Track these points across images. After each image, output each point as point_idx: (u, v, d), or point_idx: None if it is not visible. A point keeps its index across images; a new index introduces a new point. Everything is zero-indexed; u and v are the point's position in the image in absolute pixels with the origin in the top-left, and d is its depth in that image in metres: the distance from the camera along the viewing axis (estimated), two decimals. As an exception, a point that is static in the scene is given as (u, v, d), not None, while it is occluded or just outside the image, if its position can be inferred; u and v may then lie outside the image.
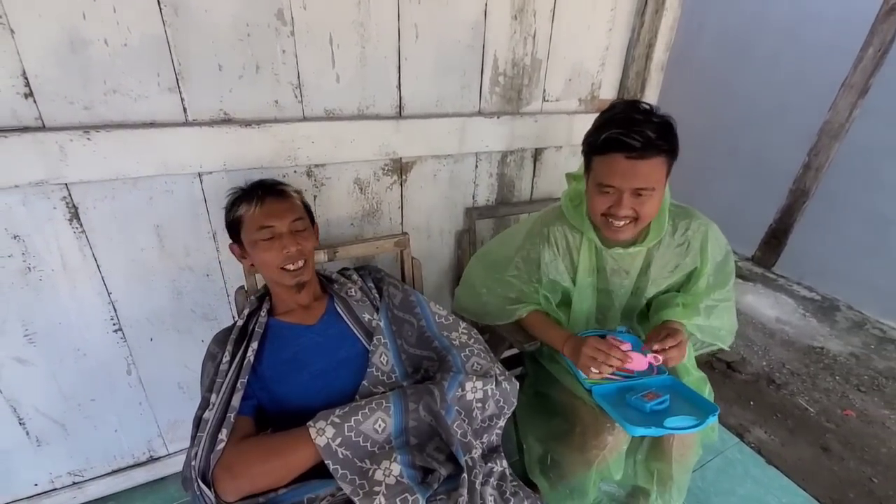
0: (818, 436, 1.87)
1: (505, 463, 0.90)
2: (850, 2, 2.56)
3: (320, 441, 0.80)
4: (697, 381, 1.13)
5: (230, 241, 1.02)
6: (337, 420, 0.82)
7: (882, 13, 2.44)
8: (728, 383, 2.17)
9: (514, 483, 0.88)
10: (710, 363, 2.28)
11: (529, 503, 0.84)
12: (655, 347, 0.97)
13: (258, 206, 0.96)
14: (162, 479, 1.37)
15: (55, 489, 1.24)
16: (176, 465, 1.36)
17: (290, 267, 0.97)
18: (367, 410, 0.84)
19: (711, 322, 1.11)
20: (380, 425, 0.85)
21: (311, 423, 0.82)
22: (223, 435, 0.80)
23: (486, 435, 0.91)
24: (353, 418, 0.83)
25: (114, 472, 1.29)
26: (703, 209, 1.15)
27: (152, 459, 1.34)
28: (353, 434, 0.82)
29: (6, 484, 1.18)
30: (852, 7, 2.54)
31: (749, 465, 1.65)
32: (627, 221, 0.98)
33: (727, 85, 3.17)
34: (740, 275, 3.09)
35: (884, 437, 1.89)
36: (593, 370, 0.98)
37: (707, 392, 1.13)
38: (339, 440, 0.81)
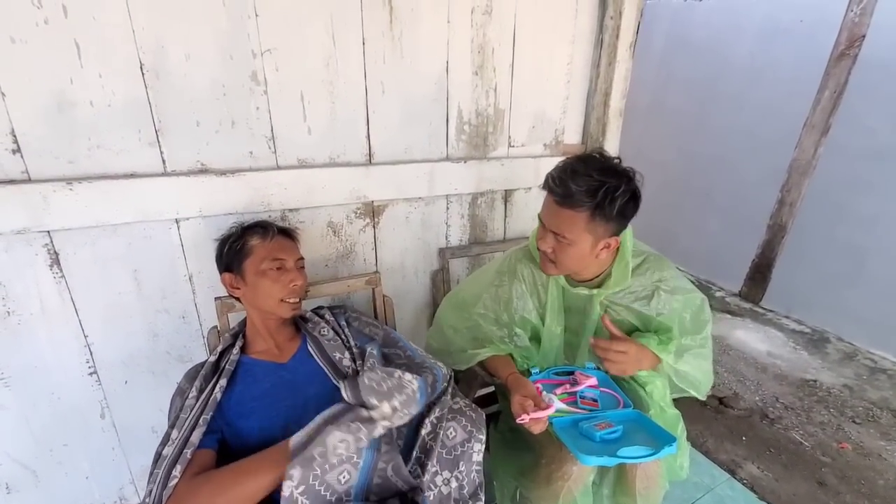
0: (814, 470, 1.83)
1: None
2: (803, 49, 2.75)
3: (285, 490, 0.79)
4: (671, 419, 1.13)
5: (224, 271, 1.07)
6: (305, 463, 0.80)
7: (833, 58, 2.61)
8: (720, 419, 2.13)
9: None
10: (702, 400, 2.25)
11: None
12: (601, 345, 1.01)
13: (273, 239, 1.05)
14: (132, 530, 1.34)
15: (22, 541, 1.21)
16: (147, 514, 1.33)
17: (291, 300, 1.04)
18: (335, 461, 0.82)
19: (681, 366, 1.10)
20: (344, 476, 0.83)
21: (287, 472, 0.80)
22: (177, 471, 0.81)
23: (462, 464, 0.91)
24: (320, 468, 0.81)
25: (83, 522, 1.27)
26: (687, 246, 1.19)
27: (123, 509, 1.32)
28: (316, 483, 0.81)
29: (-28, 537, 1.16)
30: (805, 54, 2.73)
31: (740, 502, 1.61)
32: (546, 259, 1.06)
33: (698, 128, 3.34)
34: (728, 310, 3.11)
35: (881, 469, 1.85)
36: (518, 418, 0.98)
37: (679, 430, 1.13)
38: (302, 488, 0.79)
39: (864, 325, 2.66)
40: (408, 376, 0.93)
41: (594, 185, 0.94)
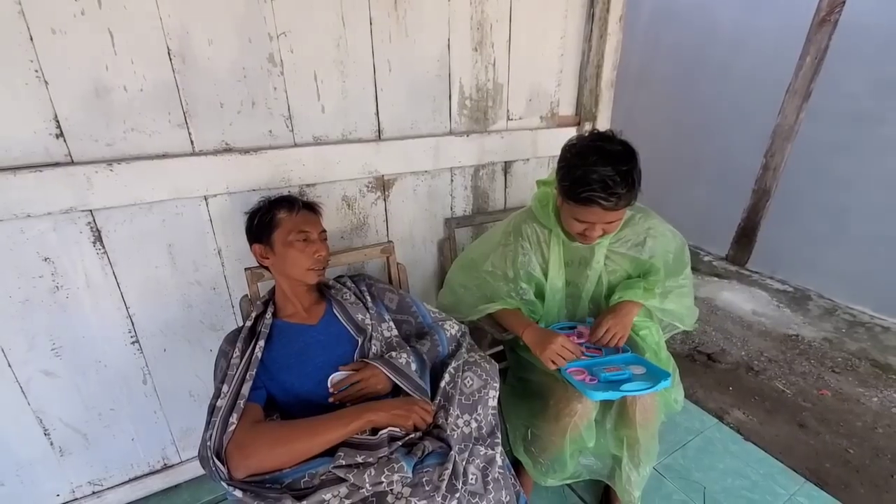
0: (795, 414, 1.98)
1: (499, 450, 1.00)
2: (785, 15, 2.82)
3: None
4: (665, 360, 1.26)
5: (254, 243, 1.15)
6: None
7: (815, 24, 2.69)
8: (708, 373, 2.28)
9: (501, 471, 0.96)
10: (692, 356, 2.41)
11: (507, 493, 0.94)
12: (595, 340, 1.18)
13: (298, 212, 1.14)
14: (175, 486, 1.45)
15: (75, 499, 1.32)
16: (188, 472, 1.45)
17: (316, 269, 1.13)
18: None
19: (666, 305, 1.25)
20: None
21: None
22: (233, 418, 0.91)
23: (480, 407, 1.04)
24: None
25: (130, 480, 1.38)
26: (676, 213, 1.35)
27: (166, 467, 1.43)
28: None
29: (30, 495, 1.26)
30: (788, 20, 2.80)
31: (728, 443, 1.75)
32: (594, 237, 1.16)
33: (685, 96, 3.42)
34: (716, 273, 3.25)
35: (859, 412, 2.00)
36: (552, 364, 1.14)
37: (672, 368, 1.26)
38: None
39: (843, 282, 2.81)
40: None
41: (634, 183, 1.05)
